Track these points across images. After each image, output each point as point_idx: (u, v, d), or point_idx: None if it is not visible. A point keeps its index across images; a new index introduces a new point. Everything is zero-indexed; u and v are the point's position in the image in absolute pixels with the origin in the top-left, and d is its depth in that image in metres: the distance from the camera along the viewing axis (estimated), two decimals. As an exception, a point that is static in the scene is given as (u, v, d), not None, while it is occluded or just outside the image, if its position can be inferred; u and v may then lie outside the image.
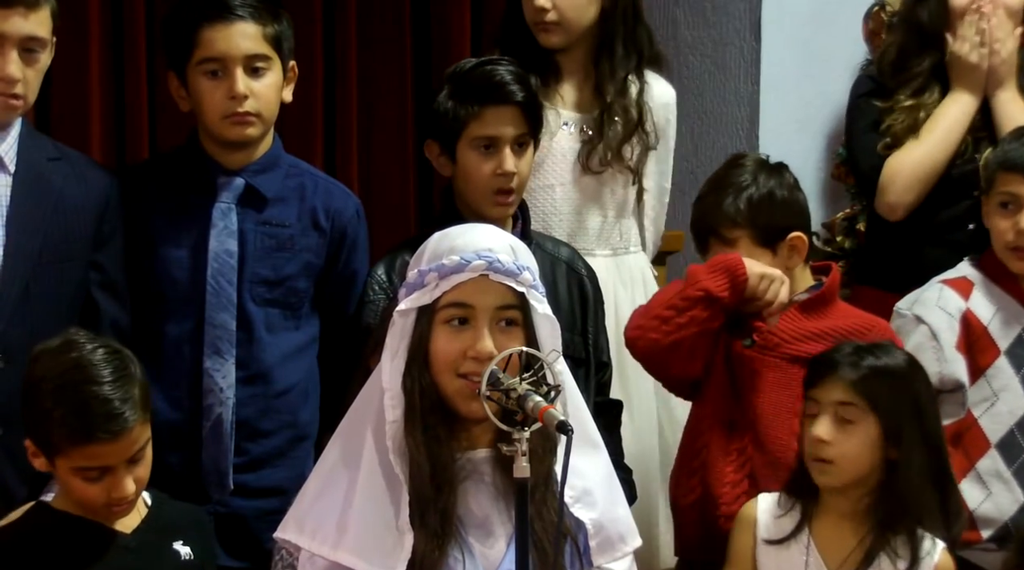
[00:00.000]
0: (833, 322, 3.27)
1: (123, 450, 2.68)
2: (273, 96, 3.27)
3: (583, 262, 3.44)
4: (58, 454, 2.69)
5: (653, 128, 3.70)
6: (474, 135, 3.26)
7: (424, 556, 2.51)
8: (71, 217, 3.12)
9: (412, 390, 2.57)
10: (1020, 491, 3.31)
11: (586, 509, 2.62)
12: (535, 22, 3.64)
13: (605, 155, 3.63)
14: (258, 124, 3.25)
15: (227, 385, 3.22)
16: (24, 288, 3.06)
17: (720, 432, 3.26)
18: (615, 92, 3.65)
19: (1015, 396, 3.33)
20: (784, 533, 3.00)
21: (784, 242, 3.29)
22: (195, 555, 2.85)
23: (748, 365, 3.26)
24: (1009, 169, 3.34)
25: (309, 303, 3.34)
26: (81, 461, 2.67)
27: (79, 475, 2.69)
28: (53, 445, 2.68)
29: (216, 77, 3.22)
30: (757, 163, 3.37)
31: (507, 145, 3.26)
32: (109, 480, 2.69)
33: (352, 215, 3.38)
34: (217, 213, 3.26)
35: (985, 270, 3.40)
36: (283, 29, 3.30)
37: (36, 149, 3.14)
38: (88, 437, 2.65)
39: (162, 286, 3.25)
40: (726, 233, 3.27)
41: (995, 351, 3.34)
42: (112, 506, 2.72)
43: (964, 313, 3.35)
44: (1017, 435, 3.31)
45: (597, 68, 3.69)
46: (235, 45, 3.21)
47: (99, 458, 2.67)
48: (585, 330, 3.36)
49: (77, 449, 2.66)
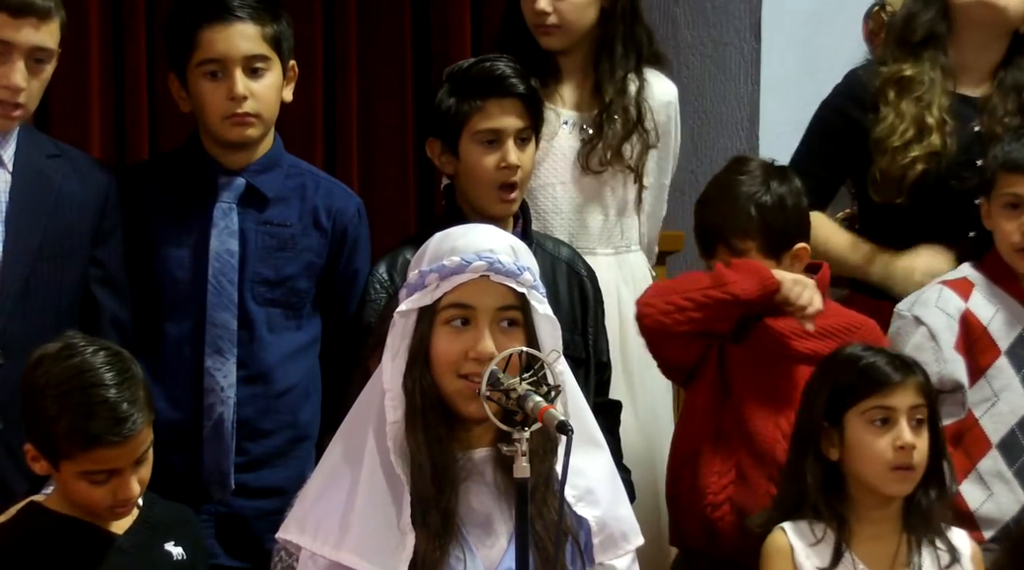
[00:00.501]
0: (824, 320, 3.27)
1: (131, 452, 2.69)
2: (273, 96, 3.27)
3: (583, 262, 3.44)
4: (64, 459, 2.68)
5: (653, 126, 3.70)
6: (476, 129, 3.27)
7: (425, 556, 2.51)
8: (70, 214, 3.13)
9: (413, 391, 2.57)
10: (1022, 491, 3.30)
11: (589, 507, 2.62)
12: (536, 25, 3.64)
13: (605, 154, 3.63)
14: (258, 125, 3.25)
15: (228, 385, 3.22)
16: (24, 285, 3.06)
17: (708, 425, 3.27)
18: (614, 91, 3.65)
19: (1016, 396, 3.32)
20: (827, 560, 2.99)
21: (789, 252, 3.30)
22: (187, 555, 2.85)
23: (740, 361, 3.26)
24: (1012, 170, 3.32)
25: (311, 303, 3.34)
26: (89, 465, 2.67)
27: (85, 479, 2.68)
28: (59, 451, 2.67)
29: (216, 78, 3.22)
30: (765, 169, 3.36)
31: (510, 138, 3.27)
32: (116, 482, 2.69)
33: (353, 214, 3.38)
34: (218, 213, 3.26)
35: (986, 271, 3.40)
36: (283, 29, 3.30)
37: (35, 146, 3.14)
38: (97, 442, 2.64)
39: (163, 286, 3.25)
40: (738, 243, 3.27)
41: (996, 351, 3.34)
42: (116, 508, 2.72)
43: (964, 313, 3.35)
44: (1019, 435, 3.31)
45: (596, 68, 3.68)
46: (234, 46, 3.21)
47: (107, 462, 2.67)
48: (585, 330, 3.36)
49: (85, 454, 2.66)
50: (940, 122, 3.59)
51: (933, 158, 3.56)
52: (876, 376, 2.98)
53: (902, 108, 3.61)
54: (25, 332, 3.02)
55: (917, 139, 3.59)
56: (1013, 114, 3.61)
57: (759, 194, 3.29)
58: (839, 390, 3.01)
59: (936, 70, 3.63)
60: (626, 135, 3.65)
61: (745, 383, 3.26)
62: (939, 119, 3.59)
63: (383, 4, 4.70)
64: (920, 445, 2.94)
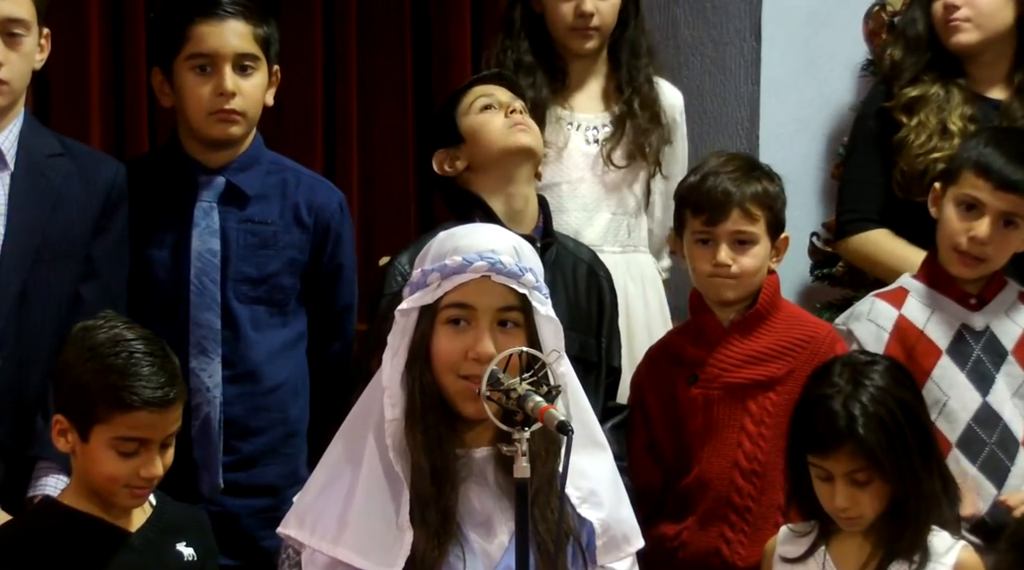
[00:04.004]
0: (773, 338, 3.26)
1: (166, 424, 2.72)
2: (259, 96, 3.27)
3: (602, 265, 3.45)
4: (99, 422, 2.69)
5: (668, 123, 3.76)
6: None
7: (425, 554, 2.52)
8: (71, 215, 3.11)
9: (413, 389, 2.57)
10: (990, 484, 3.30)
11: (593, 509, 2.62)
12: (577, 27, 3.67)
13: (628, 148, 3.65)
14: (242, 123, 3.25)
15: (214, 384, 3.23)
16: (22, 285, 3.05)
17: (658, 471, 3.30)
18: (636, 88, 3.71)
19: (964, 392, 3.31)
20: (800, 552, 2.99)
21: (780, 238, 3.30)
22: (197, 557, 2.85)
23: (692, 403, 3.26)
24: (980, 173, 3.29)
25: (295, 299, 3.34)
26: (124, 430, 2.69)
27: (115, 447, 2.70)
28: (95, 413, 2.69)
29: (204, 73, 3.22)
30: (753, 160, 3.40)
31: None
32: (143, 457, 2.71)
33: (335, 209, 3.38)
34: (199, 212, 3.25)
35: (922, 277, 3.38)
36: (271, 32, 3.31)
37: (38, 145, 3.12)
38: (139, 404, 2.68)
39: (145, 287, 3.25)
40: (753, 209, 3.24)
41: (936, 352, 3.32)
42: (135, 488, 2.73)
43: (897, 321, 3.33)
44: (975, 429, 3.30)
45: (618, 67, 3.74)
46: (226, 42, 3.22)
47: (143, 429, 2.70)
48: (599, 334, 3.35)
49: (123, 416, 2.68)
50: (962, 128, 3.66)
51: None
52: (814, 439, 2.93)
53: (923, 118, 3.69)
54: (23, 333, 3.02)
55: (940, 142, 3.65)
56: None
57: (760, 176, 3.30)
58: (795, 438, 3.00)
59: (949, 86, 3.71)
60: (650, 129, 3.68)
61: (701, 427, 3.25)
62: (961, 126, 3.66)
63: (383, 5, 4.70)
64: (863, 500, 2.88)
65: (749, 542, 3.19)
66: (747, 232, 3.23)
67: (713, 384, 3.25)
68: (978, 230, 3.28)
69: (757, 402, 3.23)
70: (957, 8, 3.69)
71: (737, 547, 3.21)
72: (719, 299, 3.27)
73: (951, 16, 3.70)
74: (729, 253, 3.22)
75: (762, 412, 3.23)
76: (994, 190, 3.27)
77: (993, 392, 3.32)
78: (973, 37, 3.72)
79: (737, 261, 3.23)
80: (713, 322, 3.28)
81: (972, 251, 3.30)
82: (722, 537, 3.21)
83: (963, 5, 3.69)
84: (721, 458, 3.22)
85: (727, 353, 3.25)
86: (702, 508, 3.23)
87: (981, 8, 3.70)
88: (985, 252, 3.30)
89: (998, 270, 3.38)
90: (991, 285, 3.37)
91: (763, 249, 3.26)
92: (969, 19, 3.70)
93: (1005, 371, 3.34)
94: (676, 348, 3.33)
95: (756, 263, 3.25)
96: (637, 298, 3.68)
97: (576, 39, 3.70)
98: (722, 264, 3.23)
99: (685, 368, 3.28)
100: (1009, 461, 3.31)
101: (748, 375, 3.24)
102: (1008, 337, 3.35)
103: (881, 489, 2.89)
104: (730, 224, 3.23)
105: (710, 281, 3.26)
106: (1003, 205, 3.28)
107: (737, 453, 3.21)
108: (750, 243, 3.25)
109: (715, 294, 3.27)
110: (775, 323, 3.27)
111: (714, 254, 3.23)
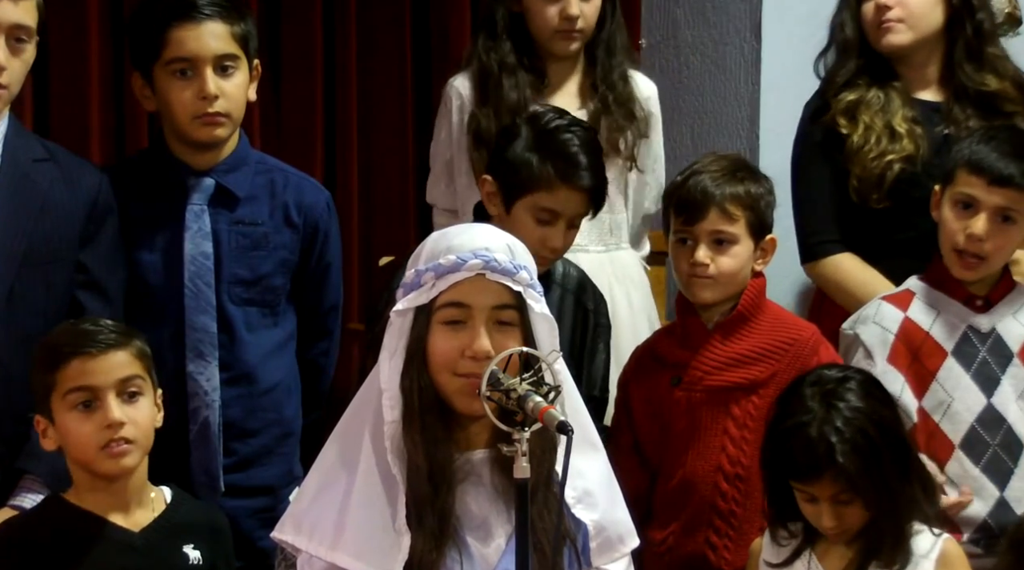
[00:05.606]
0: (756, 340, 3.25)
1: (106, 370, 2.76)
2: (242, 96, 3.26)
3: (593, 290, 3.43)
4: (52, 390, 2.76)
5: (644, 117, 3.77)
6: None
7: (422, 557, 2.51)
8: (57, 220, 3.08)
9: (411, 391, 2.56)
10: (993, 486, 3.30)
11: (587, 510, 2.61)
12: (561, 30, 3.68)
13: (607, 146, 3.65)
14: (227, 124, 3.24)
15: (211, 388, 3.22)
16: (8, 291, 3.02)
17: (644, 473, 3.29)
18: (610, 86, 3.72)
19: (969, 393, 3.31)
20: (786, 555, 2.98)
21: (765, 240, 3.29)
22: (204, 559, 2.84)
23: (676, 406, 3.25)
24: (973, 171, 3.30)
25: (285, 299, 3.34)
26: (68, 382, 2.74)
27: (70, 405, 2.75)
28: (49, 386, 2.77)
29: (185, 77, 3.20)
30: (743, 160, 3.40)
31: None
32: (100, 412, 2.74)
33: (323, 209, 3.38)
34: (190, 215, 3.24)
35: (928, 279, 3.38)
36: (249, 28, 3.28)
37: (23, 149, 3.10)
38: (69, 351, 2.76)
39: (138, 292, 3.23)
40: (732, 209, 3.23)
41: (942, 353, 3.32)
42: (110, 447, 2.74)
43: (903, 323, 3.33)
44: (979, 430, 3.30)
45: (594, 64, 3.75)
46: (205, 45, 3.19)
47: (82, 376, 2.75)
48: (580, 365, 3.34)
49: (63, 371, 2.75)
50: (909, 129, 3.65)
51: (908, 161, 3.61)
52: (794, 467, 2.92)
53: (868, 121, 3.67)
54: (10, 338, 3.00)
55: (891, 144, 3.63)
56: (975, 118, 3.67)
57: (746, 178, 3.29)
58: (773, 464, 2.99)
59: (886, 90, 3.69)
60: (625, 125, 3.68)
61: (685, 430, 3.24)
62: (907, 128, 3.65)
63: (383, 4, 4.70)
64: (850, 516, 2.89)
65: (735, 546, 3.19)
66: (726, 232, 3.22)
67: (696, 387, 3.24)
68: (975, 227, 3.28)
69: (740, 406, 3.22)
70: (889, 8, 3.68)
71: (723, 552, 3.21)
72: (697, 300, 3.26)
73: (884, 17, 3.69)
74: (707, 253, 3.22)
75: (745, 416, 3.22)
76: (988, 186, 3.28)
77: (998, 393, 3.32)
78: (906, 38, 3.70)
79: (716, 261, 3.22)
80: (697, 324, 3.27)
81: (971, 249, 3.30)
82: (707, 543, 3.21)
83: (895, 5, 3.68)
84: (705, 462, 3.22)
85: (709, 356, 3.24)
86: (687, 513, 3.22)
87: (913, 9, 3.69)
88: (983, 249, 3.29)
89: (1008, 272, 3.39)
90: (999, 286, 3.37)
91: (744, 250, 3.24)
92: (902, 20, 3.68)
93: (1011, 373, 3.33)
94: (662, 349, 3.32)
95: (736, 264, 3.23)
96: (621, 298, 3.68)
97: (561, 42, 3.71)
98: (699, 263, 3.21)
99: (669, 370, 3.27)
100: (1012, 462, 3.31)
101: (730, 378, 3.23)
102: (1014, 339, 3.35)
103: (862, 510, 2.91)
104: (708, 224, 3.22)
105: (688, 281, 3.25)
106: (998, 200, 3.28)
107: (721, 457, 3.21)
108: (729, 243, 3.23)
109: (693, 295, 3.26)
110: (758, 325, 3.26)
111: (692, 254, 3.23)
